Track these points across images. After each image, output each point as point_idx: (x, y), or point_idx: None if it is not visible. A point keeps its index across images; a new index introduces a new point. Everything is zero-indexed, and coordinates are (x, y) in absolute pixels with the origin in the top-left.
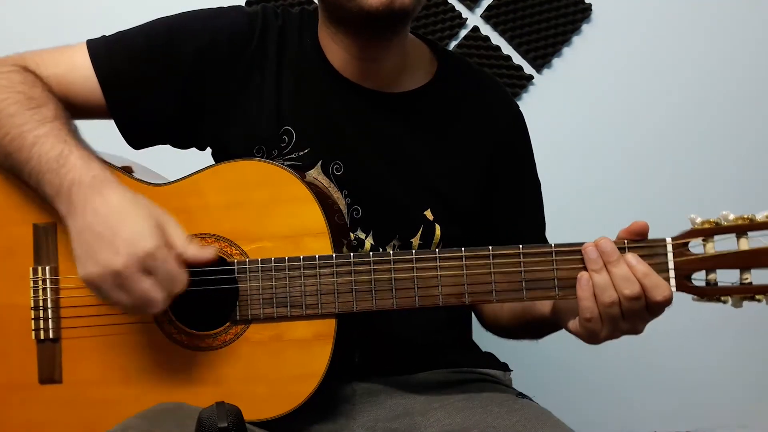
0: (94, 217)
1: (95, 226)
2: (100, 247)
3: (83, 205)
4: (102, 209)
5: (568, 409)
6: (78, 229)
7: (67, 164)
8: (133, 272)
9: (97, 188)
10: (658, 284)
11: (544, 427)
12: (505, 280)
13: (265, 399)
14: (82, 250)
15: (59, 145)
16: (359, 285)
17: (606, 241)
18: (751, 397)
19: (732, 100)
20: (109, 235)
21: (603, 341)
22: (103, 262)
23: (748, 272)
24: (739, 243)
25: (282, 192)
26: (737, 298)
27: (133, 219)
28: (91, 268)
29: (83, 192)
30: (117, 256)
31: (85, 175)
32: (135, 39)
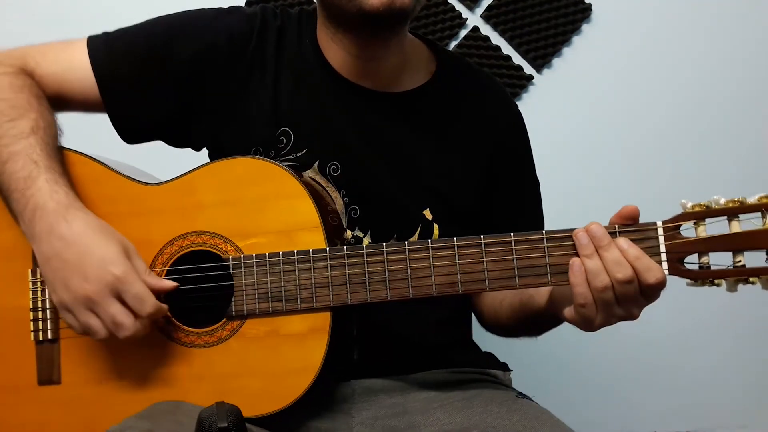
0: (61, 244)
1: (62, 253)
2: (69, 273)
3: (48, 231)
4: (68, 235)
5: (567, 409)
6: (45, 255)
7: (33, 186)
8: (103, 297)
9: (61, 214)
10: (650, 267)
11: (544, 426)
12: (498, 268)
13: (262, 394)
14: (53, 276)
15: (29, 166)
16: (353, 277)
17: (596, 226)
18: (751, 397)
19: (732, 99)
20: (76, 261)
21: (599, 328)
22: (73, 289)
23: (741, 255)
24: (731, 226)
25: (275, 188)
26: (731, 281)
27: (99, 245)
28: (62, 293)
29: (47, 217)
30: (86, 282)
31: (49, 201)
32: (134, 38)
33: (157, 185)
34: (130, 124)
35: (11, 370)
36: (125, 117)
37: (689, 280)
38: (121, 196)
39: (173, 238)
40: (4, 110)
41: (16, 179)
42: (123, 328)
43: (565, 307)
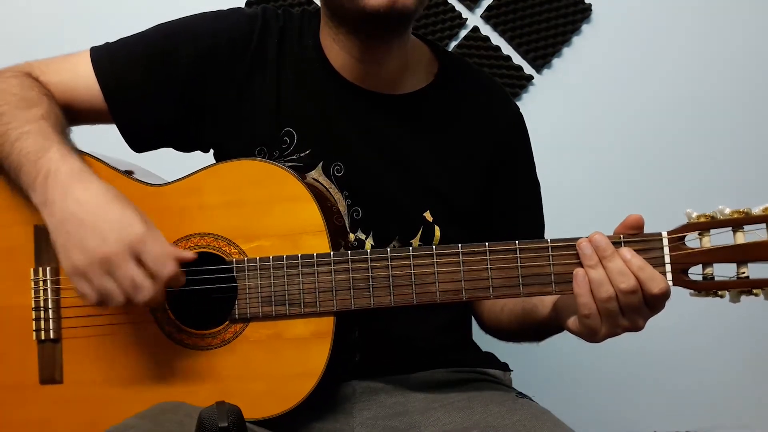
0: (77, 206)
1: (78, 214)
2: (85, 234)
3: (62, 194)
4: (84, 198)
5: (568, 409)
6: (58, 219)
7: (44, 157)
8: (123, 258)
9: (75, 178)
10: (653, 277)
11: (544, 426)
12: (502, 276)
13: (264, 397)
14: (65, 240)
15: (40, 141)
16: (357, 282)
17: (600, 236)
18: (751, 398)
19: (732, 99)
20: (94, 222)
21: (604, 339)
22: (90, 250)
23: (745, 266)
24: (736, 237)
25: (280, 191)
26: (735, 292)
27: (116, 207)
28: (77, 256)
29: (60, 182)
30: (104, 244)
31: (62, 167)
32: (136, 46)
33: (161, 186)
34: (138, 131)
35: (13, 368)
36: (133, 125)
37: (692, 290)
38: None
39: (177, 240)
40: (14, 102)
41: (26, 154)
42: (142, 291)
43: (568, 317)
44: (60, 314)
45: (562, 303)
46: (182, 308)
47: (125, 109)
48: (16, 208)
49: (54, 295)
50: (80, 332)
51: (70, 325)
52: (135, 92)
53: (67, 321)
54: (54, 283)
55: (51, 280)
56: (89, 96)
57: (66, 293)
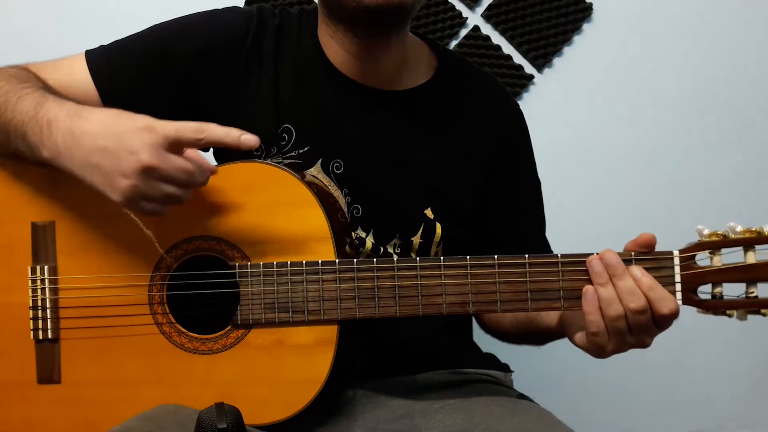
0: (90, 140)
1: (98, 145)
2: (116, 159)
3: (71, 136)
4: (91, 129)
5: (569, 410)
6: (81, 160)
7: (42, 107)
8: (161, 156)
9: (75, 114)
10: (663, 297)
11: (545, 428)
12: (510, 290)
13: (265, 403)
14: (100, 175)
15: (37, 97)
16: (362, 291)
17: (611, 254)
18: (751, 398)
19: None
20: (115, 144)
21: (610, 355)
22: (129, 169)
23: (755, 286)
24: (746, 256)
25: (285, 195)
26: (742, 311)
27: (126, 119)
28: (122, 182)
29: (63, 125)
30: (136, 154)
31: (59, 111)
32: (132, 47)
33: None
34: None
35: (11, 368)
36: None
37: (701, 309)
38: None
39: (178, 242)
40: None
41: (26, 111)
42: (199, 171)
43: (575, 331)
44: (58, 314)
45: (568, 317)
46: (183, 311)
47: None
48: (14, 204)
49: (52, 294)
50: (79, 333)
51: (69, 326)
52: (132, 93)
53: (66, 321)
54: (52, 282)
55: (49, 279)
56: (86, 98)
57: (64, 293)
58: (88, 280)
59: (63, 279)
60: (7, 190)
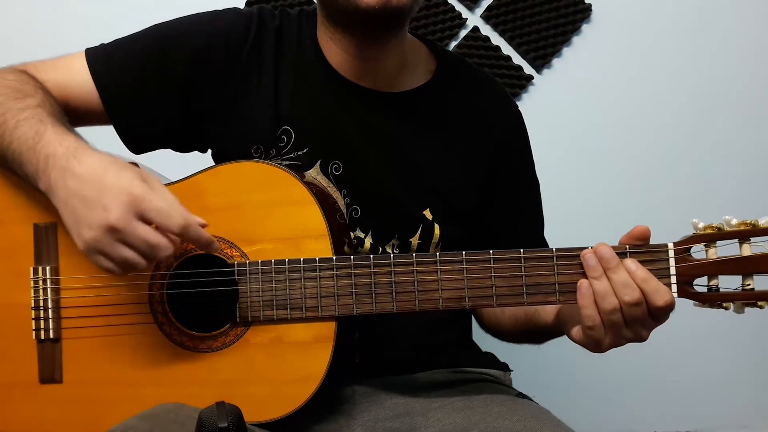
0: (76, 183)
1: (79, 191)
2: (89, 209)
3: (62, 174)
4: (81, 173)
5: (568, 409)
6: (63, 199)
7: (42, 140)
8: (127, 222)
9: (71, 155)
10: (657, 289)
11: (545, 427)
12: (506, 285)
13: (264, 401)
14: (73, 219)
15: (36, 125)
16: (359, 288)
17: (604, 248)
18: (751, 398)
19: (734, 100)
20: (94, 195)
21: (607, 349)
22: (96, 223)
23: (751, 278)
24: (742, 249)
25: (282, 194)
26: (739, 304)
27: (113, 173)
28: (87, 232)
29: (59, 162)
30: (106, 211)
31: (58, 147)
32: (132, 47)
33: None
34: (136, 132)
35: (13, 368)
36: (130, 126)
37: (697, 302)
38: None
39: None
40: (9, 93)
41: (25, 140)
42: (160, 248)
43: (572, 327)
44: (60, 314)
45: (565, 312)
46: (183, 310)
47: (122, 111)
48: (16, 205)
49: (54, 294)
50: (80, 332)
51: (70, 326)
52: (131, 93)
53: (67, 321)
54: (54, 282)
55: (51, 279)
56: (85, 97)
57: (66, 293)
58: (89, 280)
59: (64, 279)
60: (9, 191)
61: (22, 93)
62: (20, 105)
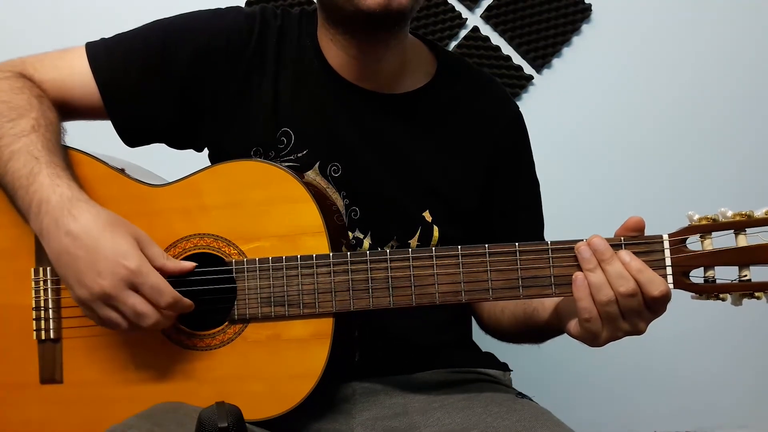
0: (69, 240)
1: (71, 250)
2: (81, 270)
3: (55, 226)
4: (75, 230)
5: (568, 409)
6: (55, 251)
7: (35, 182)
8: (120, 291)
9: (66, 208)
10: (652, 279)
11: (544, 427)
12: (502, 278)
13: (263, 398)
14: (64, 273)
15: (30, 163)
16: (356, 284)
17: (598, 240)
18: (751, 398)
19: (731, 99)
20: (87, 257)
21: (605, 343)
22: (88, 285)
23: (747, 269)
24: (738, 240)
25: (279, 192)
26: (736, 295)
27: (108, 238)
28: (80, 291)
29: (52, 212)
30: (100, 278)
31: (52, 194)
32: (133, 43)
33: (160, 187)
34: (133, 127)
35: (13, 368)
36: (128, 121)
37: (694, 293)
38: (123, 196)
39: (176, 240)
40: (4, 112)
41: (18, 177)
42: (145, 318)
43: (569, 321)
44: (60, 314)
45: (562, 307)
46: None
47: (122, 107)
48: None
49: (54, 294)
50: (80, 332)
51: (71, 325)
52: (132, 89)
53: (68, 321)
54: (54, 283)
55: (51, 280)
56: (85, 92)
57: (66, 293)
58: None
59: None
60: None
61: (16, 111)
62: (15, 130)
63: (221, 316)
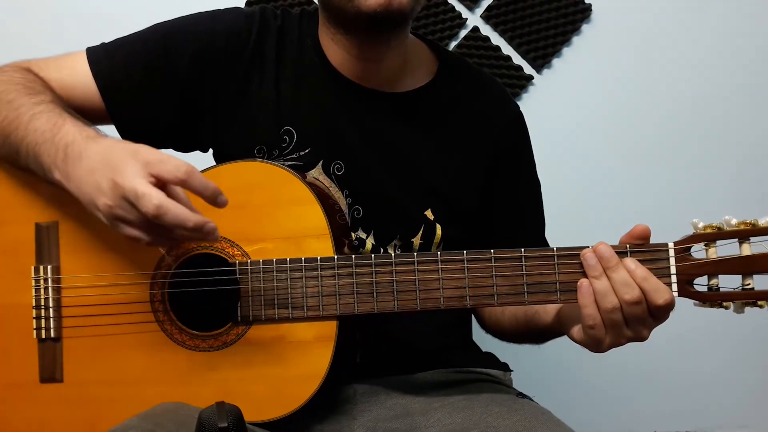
0: (89, 161)
1: (92, 165)
2: (100, 176)
3: (79, 157)
4: (96, 150)
5: (568, 409)
6: (77, 178)
7: (61, 131)
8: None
9: (92, 139)
10: (657, 288)
11: (545, 427)
12: (507, 284)
13: (265, 400)
14: (89, 194)
15: (54, 118)
16: (361, 287)
17: (604, 247)
18: (751, 398)
19: (733, 100)
20: (104, 164)
21: (608, 349)
22: (105, 186)
23: (750, 278)
24: (742, 248)
25: (284, 193)
26: (739, 303)
27: (122, 145)
28: (101, 200)
29: (78, 148)
30: (116, 171)
31: (78, 135)
32: (134, 46)
33: None
34: (138, 132)
35: (13, 367)
36: (130, 123)
37: (697, 301)
38: None
39: None
40: (21, 89)
41: (42, 132)
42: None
43: (572, 327)
44: (61, 313)
45: (565, 312)
46: (184, 309)
47: (124, 110)
48: (17, 205)
49: (55, 293)
50: (81, 332)
51: (71, 324)
52: (133, 93)
53: (68, 320)
54: (55, 281)
55: (52, 278)
56: (87, 96)
57: (67, 292)
58: (90, 279)
59: (65, 278)
60: (10, 191)
61: (33, 90)
62: (34, 99)
63: (224, 317)
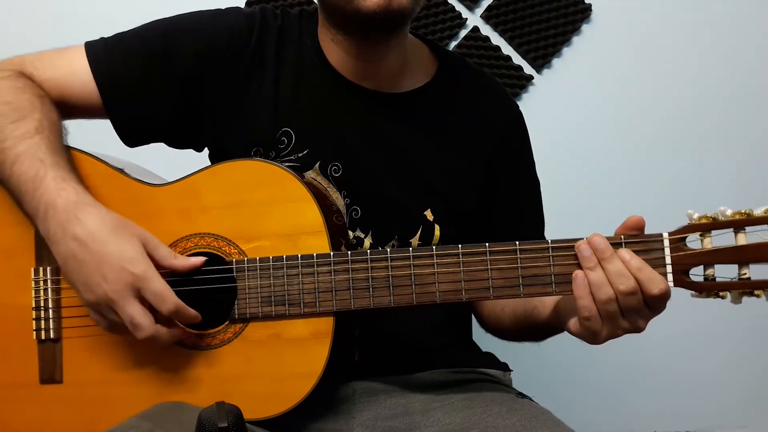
0: (76, 245)
1: (78, 255)
2: (88, 274)
3: (62, 231)
4: (81, 235)
5: (568, 409)
6: (62, 256)
7: (41, 186)
8: (122, 296)
9: (72, 212)
10: (652, 278)
11: (544, 426)
12: (502, 276)
13: (263, 397)
14: (72, 278)
15: (35, 166)
16: (357, 283)
17: (598, 238)
18: (750, 398)
19: (731, 99)
20: (93, 262)
21: (605, 341)
22: (94, 290)
23: (747, 267)
24: (737, 238)
25: (280, 191)
26: (736, 293)
27: (115, 242)
28: (85, 294)
29: (58, 217)
30: (105, 282)
31: (57, 199)
32: (133, 42)
33: (161, 186)
34: (133, 127)
35: (13, 368)
36: (127, 121)
37: (694, 291)
38: (124, 196)
39: (177, 240)
40: (7, 113)
41: (24, 181)
42: (140, 329)
43: (569, 319)
44: (60, 314)
45: (562, 305)
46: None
47: (120, 106)
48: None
49: (54, 294)
50: (80, 332)
51: (71, 325)
52: (132, 89)
53: (68, 321)
54: (54, 282)
55: (51, 279)
56: (84, 92)
57: (66, 293)
58: None
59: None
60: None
61: (18, 113)
62: (18, 132)
63: (222, 316)
